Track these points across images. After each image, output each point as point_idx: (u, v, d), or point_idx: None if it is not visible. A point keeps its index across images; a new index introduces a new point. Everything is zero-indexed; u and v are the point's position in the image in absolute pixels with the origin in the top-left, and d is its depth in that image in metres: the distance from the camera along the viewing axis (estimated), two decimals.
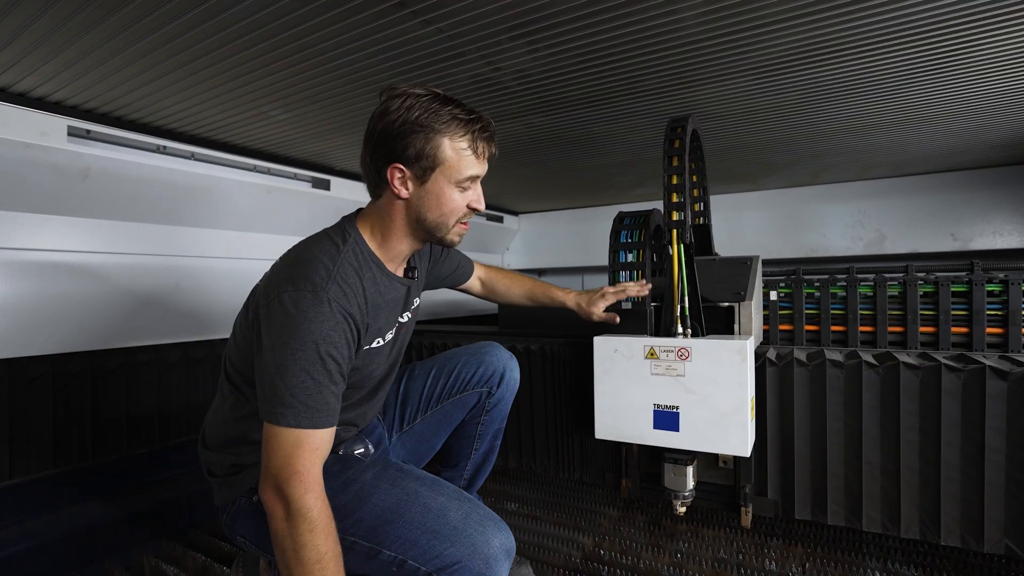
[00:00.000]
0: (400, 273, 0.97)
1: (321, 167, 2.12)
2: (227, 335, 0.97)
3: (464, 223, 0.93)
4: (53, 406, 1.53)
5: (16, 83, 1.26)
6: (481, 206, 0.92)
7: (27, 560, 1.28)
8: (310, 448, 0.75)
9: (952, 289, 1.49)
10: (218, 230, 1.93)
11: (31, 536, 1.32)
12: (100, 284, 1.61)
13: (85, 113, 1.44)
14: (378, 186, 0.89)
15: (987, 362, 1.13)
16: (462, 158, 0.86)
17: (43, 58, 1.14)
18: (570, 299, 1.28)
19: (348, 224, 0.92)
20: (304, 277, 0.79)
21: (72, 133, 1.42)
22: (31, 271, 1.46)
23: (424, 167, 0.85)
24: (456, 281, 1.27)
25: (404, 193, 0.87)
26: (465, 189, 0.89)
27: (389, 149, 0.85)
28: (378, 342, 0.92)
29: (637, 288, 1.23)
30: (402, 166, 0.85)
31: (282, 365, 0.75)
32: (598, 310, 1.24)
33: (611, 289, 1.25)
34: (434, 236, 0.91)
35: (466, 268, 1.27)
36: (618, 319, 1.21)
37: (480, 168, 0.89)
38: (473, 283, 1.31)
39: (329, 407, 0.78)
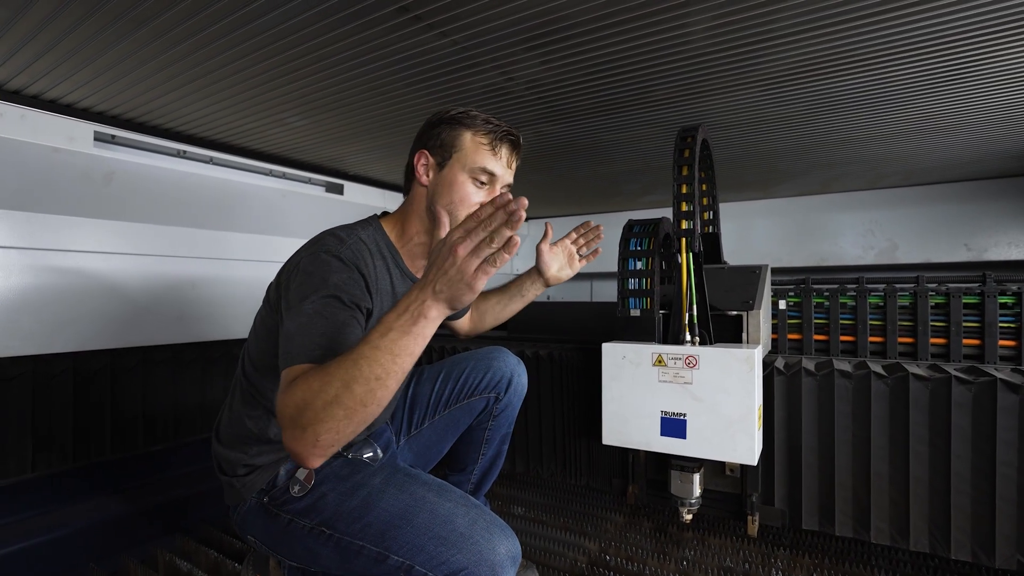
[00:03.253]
0: (419, 276, 0.99)
1: (335, 172, 2.16)
2: (243, 335, 1.00)
3: None
4: (73, 402, 1.57)
5: (48, 90, 1.30)
6: None
7: (46, 552, 1.32)
8: None
9: (964, 300, 1.48)
10: (234, 232, 1.98)
11: (51, 528, 1.35)
12: (120, 284, 1.65)
13: (111, 119, 1.49)
14: (408, 179, 0.98)
15: (999, 375, 1.13)
16: (478, 149, 0.92)
17: (75, 67, 1.18)
18: (528, 273, 1.23)
19: (372, 217, 0.99)
20: (319, 245, 0.85)
21: (98, 138, 1.48)
22: (55, 271, 1.51)
23: (444, 155, 0.93)
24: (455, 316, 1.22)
25: (424, 180, 0.95)
26: (480, 185, 0.93)
27: (421, 140, 0.96)
28: None
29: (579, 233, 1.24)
30: (427, 152, 0.95)
31: (304, 312, 0.75)
32: (545, 263, 1.20)
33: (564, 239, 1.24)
34: None
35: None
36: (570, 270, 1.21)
37: (496, 165, 0.93)
38: (462, 321, 1.27)
39: (349, 335, 0.75)
